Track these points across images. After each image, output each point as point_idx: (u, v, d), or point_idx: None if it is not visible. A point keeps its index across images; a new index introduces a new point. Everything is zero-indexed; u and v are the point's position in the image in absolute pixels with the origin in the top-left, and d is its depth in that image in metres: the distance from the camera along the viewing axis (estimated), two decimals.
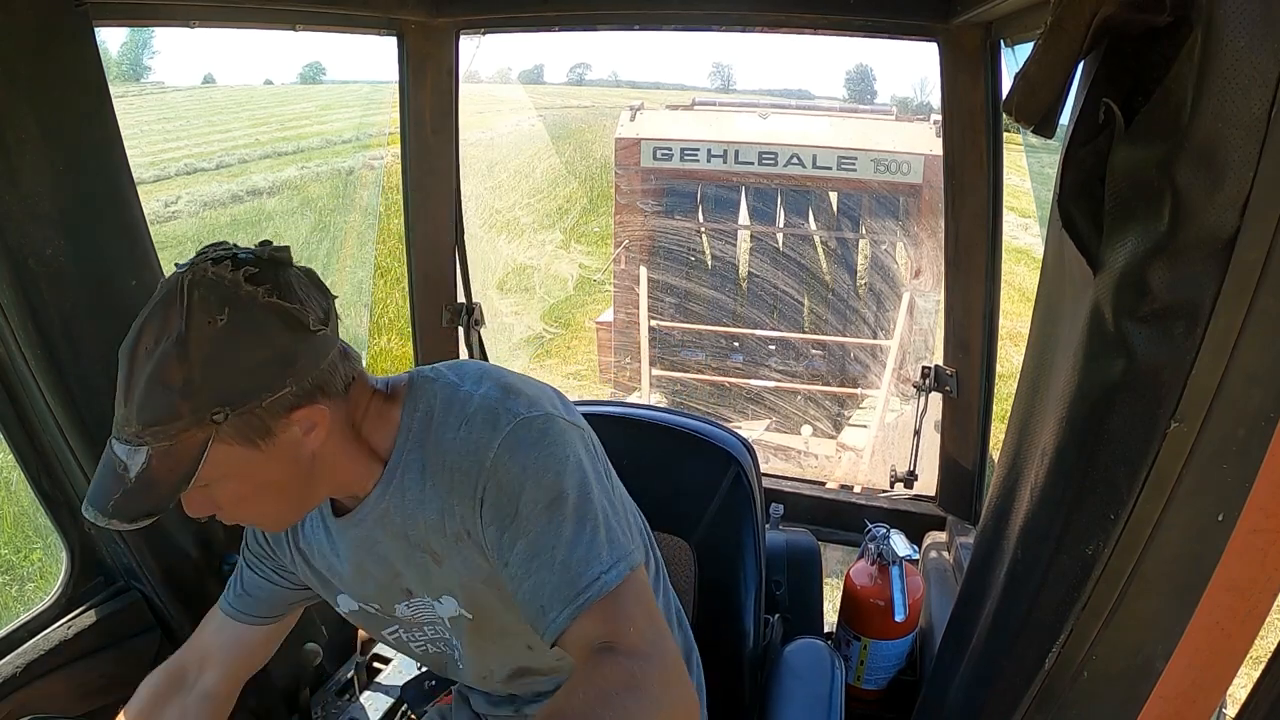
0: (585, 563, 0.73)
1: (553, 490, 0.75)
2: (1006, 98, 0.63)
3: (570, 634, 0.72)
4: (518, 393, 0.80)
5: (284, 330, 0.71)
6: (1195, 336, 0.53)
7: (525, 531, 0.74)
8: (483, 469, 0.76)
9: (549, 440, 0.77)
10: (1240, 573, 0.58)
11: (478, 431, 0.77)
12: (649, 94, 24.42)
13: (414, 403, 0.82)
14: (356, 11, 1.54)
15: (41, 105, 0.83)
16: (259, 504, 0.78)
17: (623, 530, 0.77)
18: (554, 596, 0.72)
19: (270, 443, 0.73)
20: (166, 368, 0.69)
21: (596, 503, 0.76)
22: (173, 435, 0.69)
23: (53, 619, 1.03)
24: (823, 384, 4.80)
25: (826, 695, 1.07)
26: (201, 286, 0.69)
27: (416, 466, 0.81)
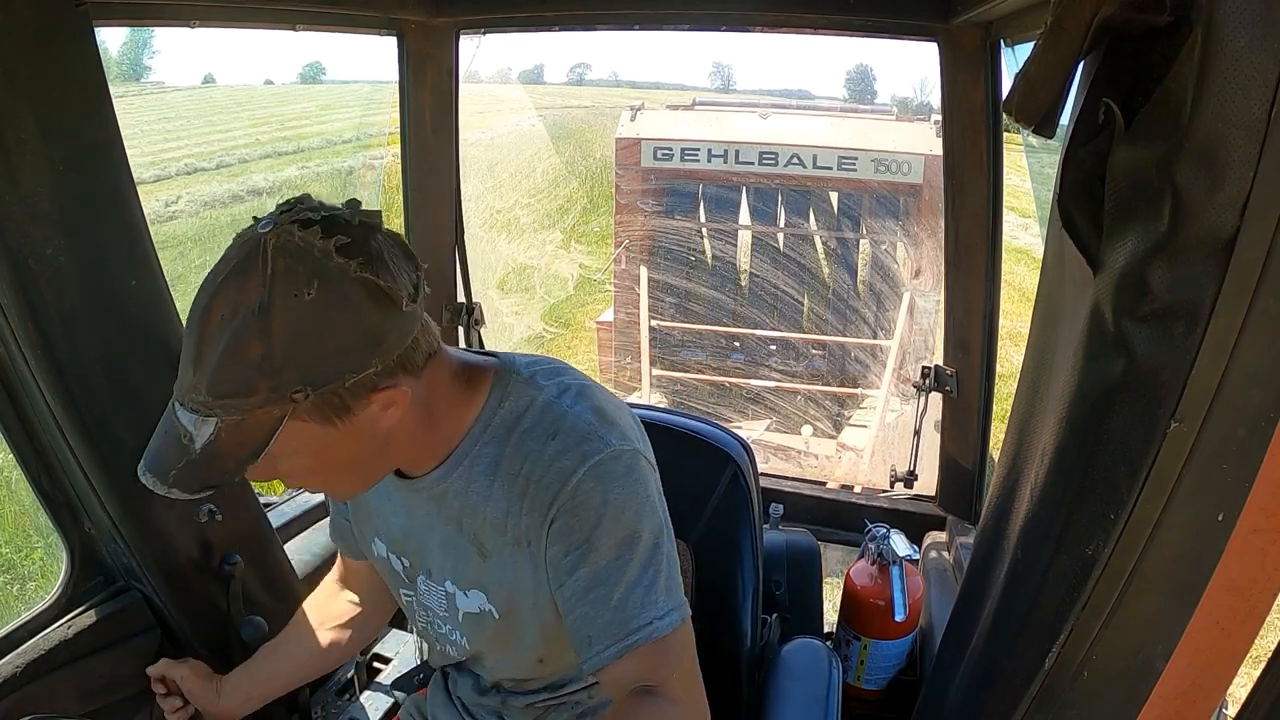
0: (641, 606, 0.73)
1: (628, 529, 0.74)
2: (1007, 98, 0.63)
3: (612, 670, 0.74)
4: (611, 422, 0.78)
5: (374, 308, 0.66)
6: (1195, 336, 0.53)
7: (592, 562, 0.74)
8: (563, 489, 0.74)
9: (634, 479, 0.76)
10: (1240, 573, 0.58)
11: (566, 451, 0.75)
12: (649, 94, 24.42)
13: (499, 397, 0.80)
14: (356, 11, 1.54)
15: (41, 105, 0.83)
16: (325, 476, 0.77)
17: (678, 580, 0.78)
18: (604, 631, 0.74)
19: (347, 421, 0.69)
20: (245, 341, 0.64)
21: (664, 550, 0.77)
22: (246, 410, 0.65)
23: (53, 619, 1.03)
24: (823, 384, 4.80)
25: (823, 695, 1.07)
26: (287, 254, 0.63)
27: (489, 461, 0.79)
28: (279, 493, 1.76)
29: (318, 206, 0.67)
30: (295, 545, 1.50)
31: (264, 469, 0.71)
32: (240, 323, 0.63)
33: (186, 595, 1.10)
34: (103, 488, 0.99)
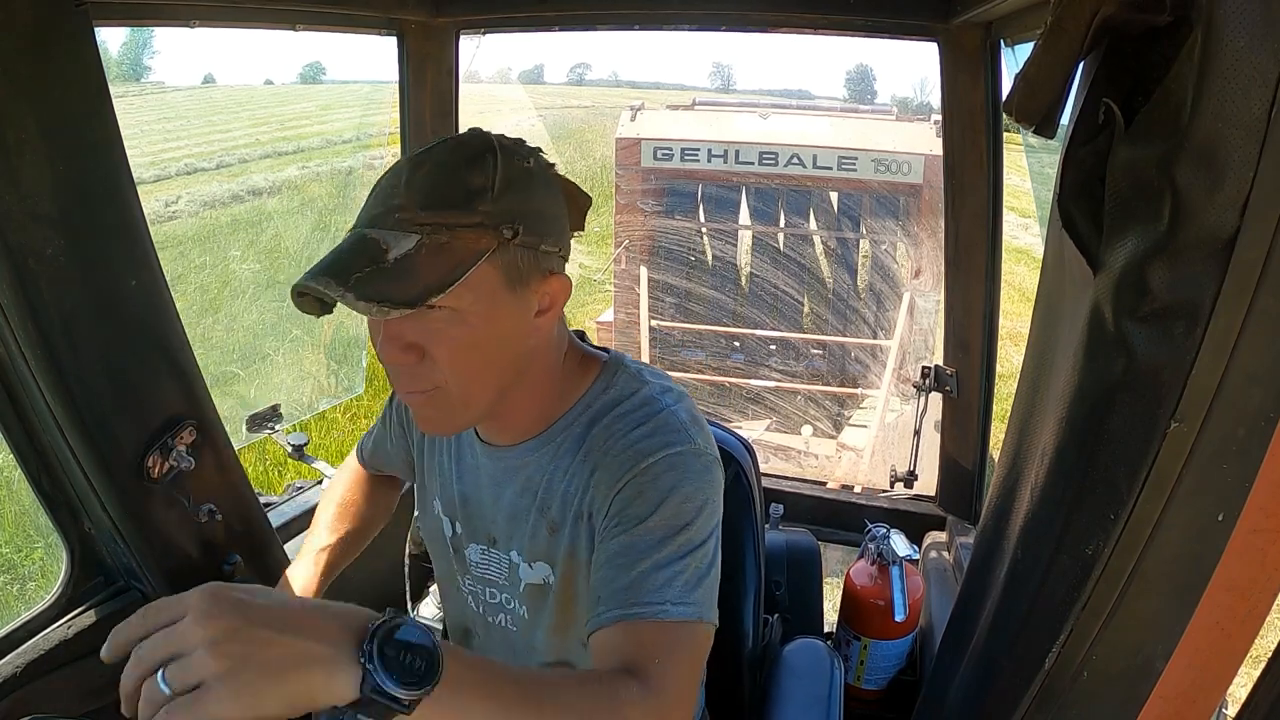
0: (661, 586, 0.71)
1: (684, 519, 0.74)
2: (1007, 98, 0.63)
3: (604, 636, 0.71)
4: (702, 428, 0.80)
5: (565, 205, 0.76)
6: (1195, 336, 0.53)
7: (635, 533, 0.74)
8: (637, 466, 0.75)
9: (707, 479, 0.77)
10: (1240, 573, 0.58)
11: (652, 439, 0.77)
12: (649, 94, 24.42)
13: (605, 385, 0.83)
14: (356, 11, 1.54)
15: (41, 105, 0.83)
16: (468, 369, 0.72)
17: (712, 591, 0.76)
18: (614, 595, 0.72)
19: (522, 294, 0.72)
20: (468, 171, 0.68)
21: (709, 555, 0.76)
22: (454, 231, 0.67)
23: (53, 619, 1.03)
24: (823, 384, 4.80)
25: (825, 695, 1.07)
26: (504, 138, 0.73)
27: (578, 439, 0.81)
28: (279, 493, 1.76)
29: None
30: (295, 545, 1.50)
31: (415, 331, 0.69)
32: (463, 158, 0.69)
33: None
34: (103, 488, 0.99)
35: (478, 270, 0.67)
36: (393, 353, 0.71)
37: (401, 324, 0.69)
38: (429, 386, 0.73)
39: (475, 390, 0.75)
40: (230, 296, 5.73)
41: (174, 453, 1.02)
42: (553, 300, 0.75)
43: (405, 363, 0.71)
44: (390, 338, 0.70)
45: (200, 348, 1.21)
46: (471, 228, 0.67)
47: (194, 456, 1.05)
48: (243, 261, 6.78)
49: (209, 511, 1.07)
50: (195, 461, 1.05)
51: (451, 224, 0.67)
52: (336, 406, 4.89)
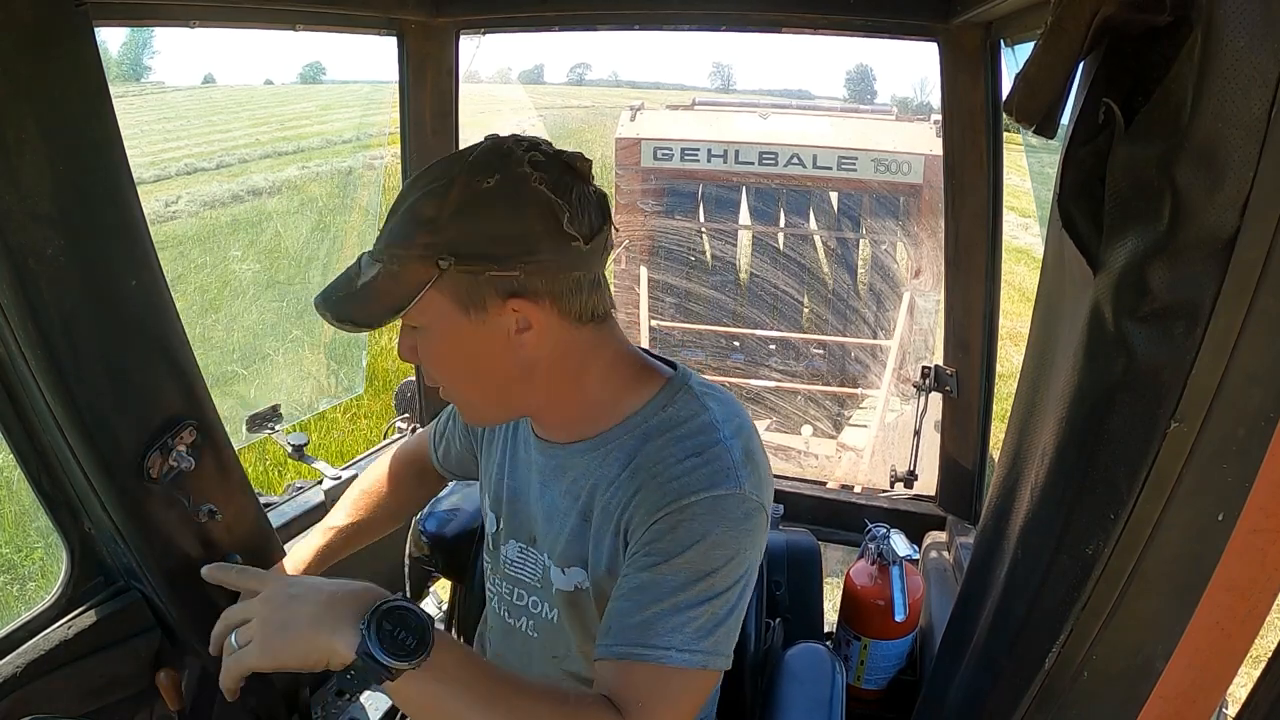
0: (670, 630, 0.72)
1: (709, 566, 0.73)
2: (1007, 98, 0.63)
3: (604, 666, 0.74)
4: (755, 467, 0.78)
5: (539, 220, 0.72)
6: (1195, 336, 0.53)
7: (658, 571, 0.74)
8: (678, 501, 0.74)
9: (744, 529, 0.75)
10: (1240, 573, 0.58)
11: (699, 473, 0.76)
12: (649, 94, 24.42)
13: (664, 401, 0.82)
14: (356, 11, 1.54)
15: (41, 105, 0.83)
16: (457, 376, 0.81)
17: (728, 636, 0.75)
18: (624, 629, 0.73)
19: (480, 317, 0.74)
20: (425, 203, 0.73)
21: (732, 601, 0.75)
22: (401, 261, 0.73)
23: (53, 619, 1.02)
24: (823, 384, 4.80)
25: (827, 700, 1.06)
26: (490, 150, 0.74)
27: (627, 452, 0.80)
28: (279, 493, 1.76)
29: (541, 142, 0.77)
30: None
31: (408, 342, 0.80)
32: (430, 190, 0.73)
33: (186, 595, 1.10)
34: (103, 488, 0.99)
35: (425, 296, 0.73)
36: (402, 354, 0.82)
37: (402, 334, 0.81)
38: (433, 384, 0.84)
39: (469, 393, 0.83)
40: (230, 296, 5.73)
41: (174, 453, 1.02)
42: (527, 321, 0.75)
43: (416, 362, 0.82)
44: (400, 343, 0.82)
45: (200, 348, 1.21)
46: (414, 259, 0.73)
47: (194, 456, 1.05)
48: (243, 261, 6.78)
49: (209, 511, 1.07)
50: (195, 461, 1.05)
51: (400, 254, 0.73)
52: (336, 406, 4.89)
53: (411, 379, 2.11)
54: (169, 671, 1.10)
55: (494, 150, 0.74)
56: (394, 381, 4.88)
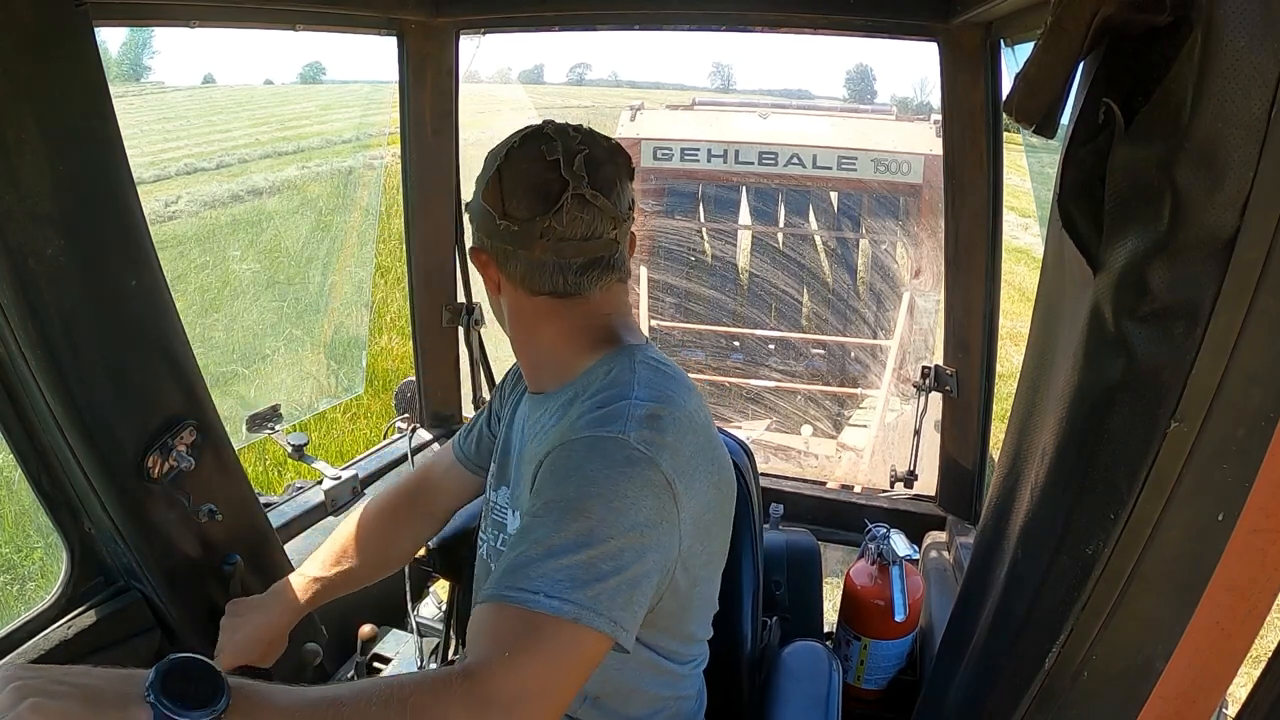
0: (539, 575, 0.66)
1: (583, 508, 0.69)
2: (1007, 98, 0.63)
3: (477, 613, 0.68)
4: (655, 430, 0.75)
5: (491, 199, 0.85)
6: (1195, 336, 0.53)
7: (533, 512, 0.73)
8: (562, 441, 0.76)
9: (623, 473, 0.72)
10: (1240, 573, 0.58)
11: (589, 419, 0.77)
12: (649, 94, 24.41)
13: (609, 365, 0.87)
14: (356, 11, 1.54)
15: (41, 105, 0.83)
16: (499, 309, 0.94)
17: (616, 600, 0.68)
18: (498, 574, 0.69)
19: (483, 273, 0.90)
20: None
21: (618, 561, 0.68)
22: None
23: (53, 619, 1.03)
24: (823, 384, 4.80)
25: (824, 698, 1.06)
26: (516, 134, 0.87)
27: (563, 407, 0.87)
28: (279, 493, 1.76)
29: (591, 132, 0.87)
30: (295, 545, 1.50)
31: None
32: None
33: (186, 595, 1.10)
34: (103, 488, 0.99)
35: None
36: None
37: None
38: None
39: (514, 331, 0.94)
40: (230, 296, 5.72)
41: (174, 453, 1.02)
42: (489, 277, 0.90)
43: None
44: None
45: (200, 348, 1.21)
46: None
47: (194, 456, 1.05)
48: (243, 261, 6.78)
49: (209, 511, 1.07)
50: (195, 461, 1.05)
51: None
52: (336, 406, 4.89)
53: (411, 379, 2.11)
54: None
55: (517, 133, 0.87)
56: (394, 381, 4.87)
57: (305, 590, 1.08)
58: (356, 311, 4.53)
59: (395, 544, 1.16)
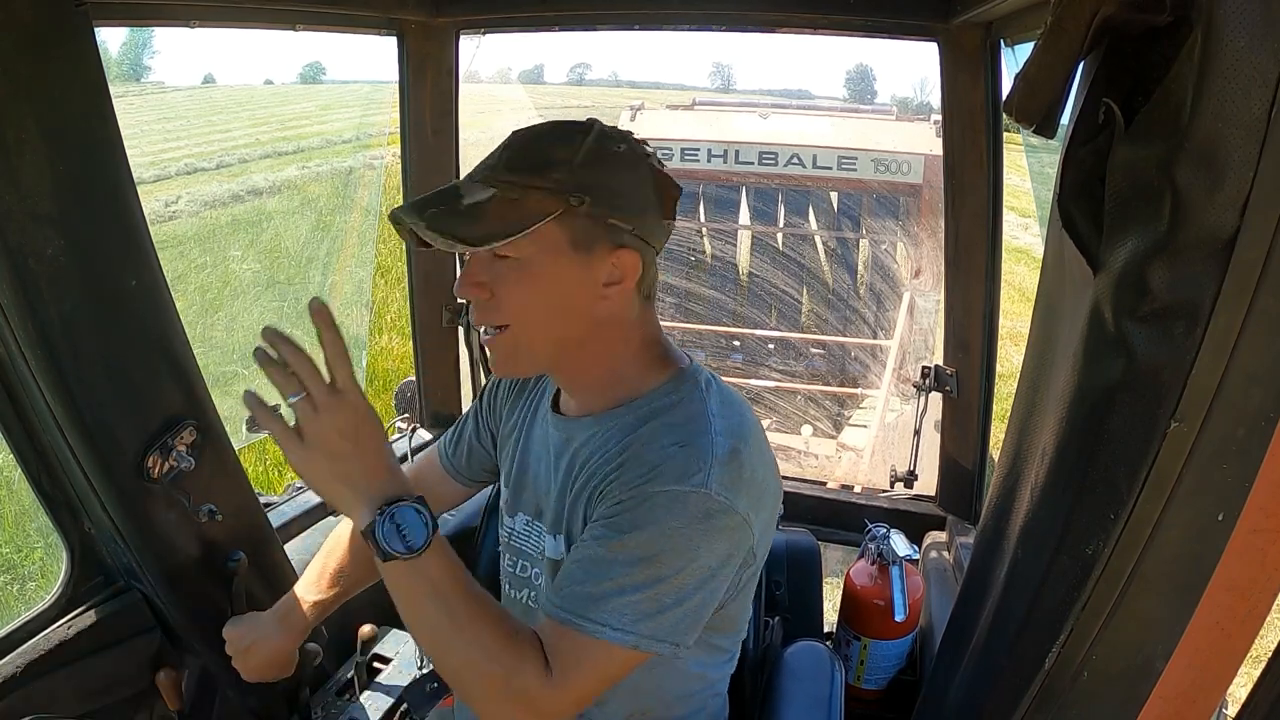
0: (610, 609, 0.74)
1: (655, 553, 0.75)
2: (1007, 98, 0.63)
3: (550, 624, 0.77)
4: (737, 470, 0.78)
5: (654, 194, 0.81)
6: (1195, 336, 0.53)
7: (613, 548, 0.76)
8: (640, 490, 0.76)
9: (703, 529, 0.75)
10: (1240, 573, 0.58)
11: (673, 465, 0.76)
12: (649, 94, 24.43)
13: (673, 388, 0.85)
14: (356, 11, 1.54)
15: (41, 105, 0.83)
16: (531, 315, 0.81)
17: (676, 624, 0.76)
18: (573, 595, 0.76)
19: (584, 259, 0.79)
20: (556, 146, 0.78)
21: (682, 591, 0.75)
22: (526, 190, 0.76)
23: (53, 619, 1.02)
24: (823, 384, 4.80)
25: (826, 698, 1.06)
26: (613, 128, 0.81)
27: (624, 431, 0.84)
28: (279, 493, 1.76)
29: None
30: (295, 545, 1.50)
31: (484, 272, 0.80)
32: (557, 133, 0.80)
33: (186, 595, 1.10)
34: (103, 488, 0.99)
35: (543, 228, 0.76)
36: (466, 287, 0.81)
37: (477, 265, 0.80)
38: (497, 323, 0.82)
39: (535, 336, 0.83)
40: (230, 296, 5.73)
41: (174, 453, 1.02)
42: (624, 273, 0.81)
43: (477, 297, 0.81)
44: (467, 274, 0.81)
45: (200, 348, 1.21)
46: (542, 190, 0.76)
47: (194, 456, 1.05)
48: (243, 261, 6.78)
49: (209, 512, 1.07)
50: (195, 461, 1.05)
51: (525, 184, 0.76)
52: None
53: (411, 379, 2.11)
54: (169, 671, 1.10)
55: (614, 129, 0.82)
56: (394, 381, 4.87)
57: (310, 610, 1.06)
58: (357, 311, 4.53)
59: None
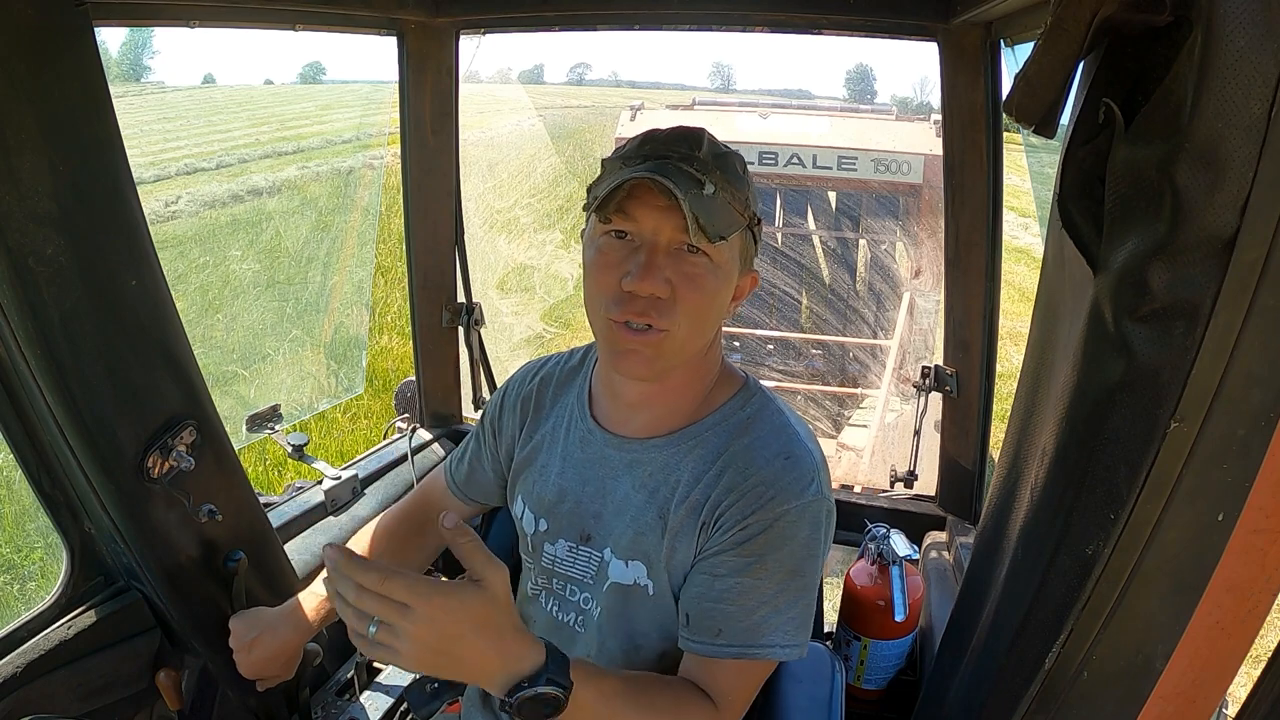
0: (774, 629, 0.79)
1: (798, 565, 0.80)
2: (1007, 98, 0.63)
3: (710, 664, 0.80)
4: (828, 470, 0.84)
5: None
6: (1195, 336, 0.53)
7: (755, 573, 0.79)
8: (769, 511, 0.79)
9: (824, 530, 0.82)
10: (1240, 573, 0.58)
11: (790, 476, 0.80)
12: (649, 94, 24.44)
13: (744, 400, 0.87)
14: (356, 11, 1.54)
15: (41, 105, 0.83)
16: (697, 319, 0.79)
17: (810, 620, 0.83)
18: (736, 633, 0.79)
19: (737, 274, 0.82)
20: (732, 157, 0.80)
21: (812, 590, 0.83)
22: (734, 194, 0.77)
23: (53, 619, 1.03)
24: (823, 384, 4.80)
25: (826, 698, 1.06)
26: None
27: (715, 447, 0.84)
28: (279, 493, 1.76)
29: None
30: (295, 545, 1.50)
31: (674, 272, 0.76)
32: (724, 146, 0.80)
33: (186, 595, 1.10)
34: (103, 488, 0.99)
35: (734, 236, 0.78)
36: (655, 284, 0.76)
37: (666, 260, 0.77)
38: (666, 325, 0.78)
39: (691, 342, 0.81)
40: (230, 296, 5.73)
41: (174, 453, 1.02)
42: (742, 291, 0.84)
43: (659, 296, 0.76)
44: (655, 269, 0.76)
45: (200, 348, 1.21)
46: (742, 200, 0.78)
47: (194, 456, 1.05)
48: (243, 261, 6.78)
49: (209, 512, 1.07)
50: (195, 461, 1.05)
51: (734, 190, 0.77)
52: (336, 406, 4.90)
53: (411, 379, 2.11)
54: (169, 671, 1.10)
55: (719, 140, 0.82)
56: (394, 381, 4.87)
57: (316, 610, 1.06)
58: (356, 311, 4.54)
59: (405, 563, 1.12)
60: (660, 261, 0.76)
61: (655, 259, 0.76)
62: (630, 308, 0.77)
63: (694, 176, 0.74)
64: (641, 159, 0.76)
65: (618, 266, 0.77)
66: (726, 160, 0.79)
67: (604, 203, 0.75)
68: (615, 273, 0.77)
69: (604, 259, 0.78)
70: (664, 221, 0.75)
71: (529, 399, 1.00)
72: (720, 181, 0.76)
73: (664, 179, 0.72)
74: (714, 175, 0.76)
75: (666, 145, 0.77)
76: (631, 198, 0.75)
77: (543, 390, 0.99)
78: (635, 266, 0.76)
